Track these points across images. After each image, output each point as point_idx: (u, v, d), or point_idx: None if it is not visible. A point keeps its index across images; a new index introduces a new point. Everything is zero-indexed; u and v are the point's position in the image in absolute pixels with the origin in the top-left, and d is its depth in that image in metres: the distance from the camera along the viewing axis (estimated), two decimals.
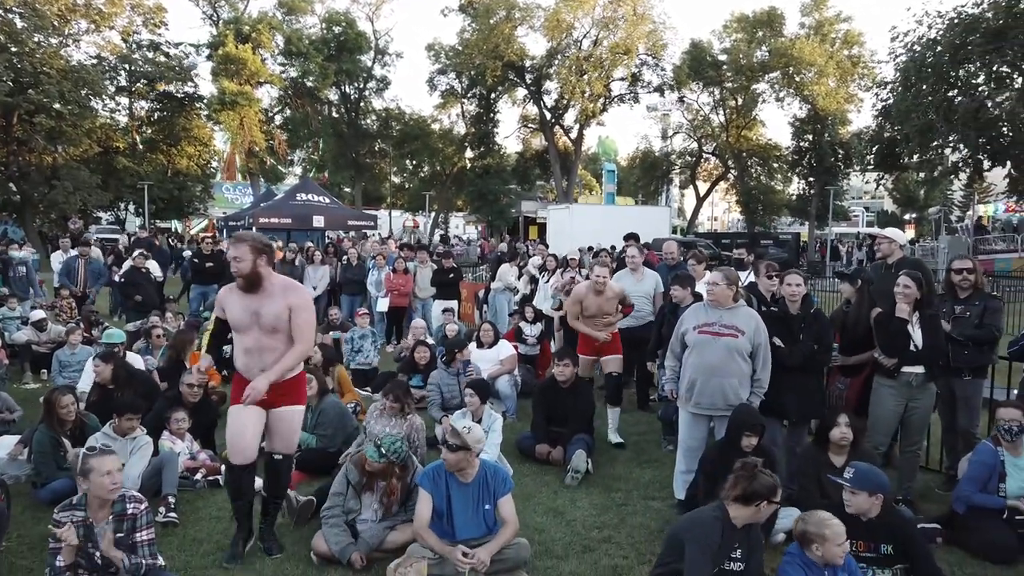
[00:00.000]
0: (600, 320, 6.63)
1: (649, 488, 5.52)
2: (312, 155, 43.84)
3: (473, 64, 36.72)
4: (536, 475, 5.77)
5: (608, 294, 6.63)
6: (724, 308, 4.73)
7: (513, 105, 42.42)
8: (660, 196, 47.58)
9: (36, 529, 4.52)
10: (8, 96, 24.66)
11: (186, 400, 5.91)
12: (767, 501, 3.32)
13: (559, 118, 40.26)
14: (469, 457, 4.05)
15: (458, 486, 4.06)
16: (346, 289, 12.34)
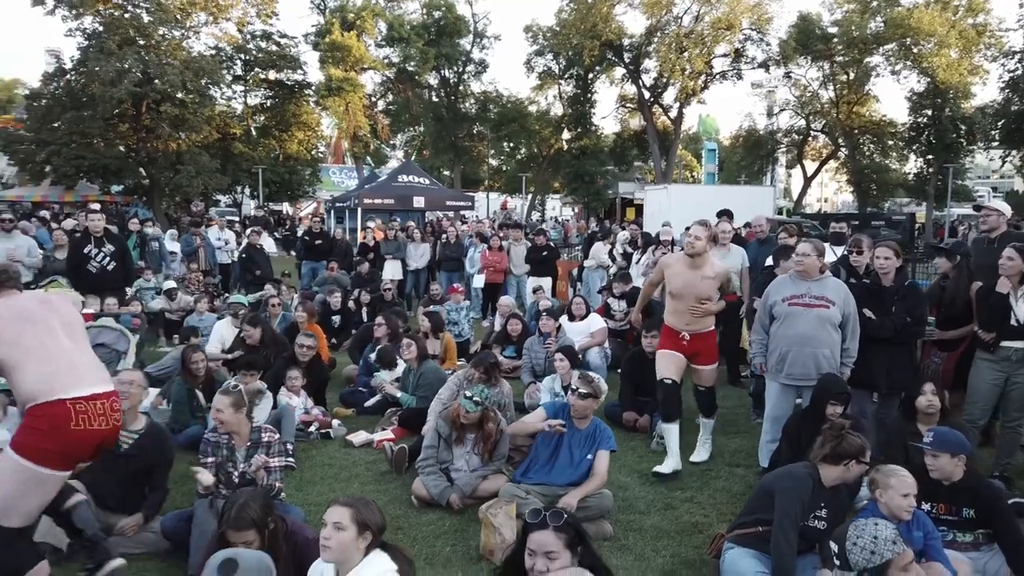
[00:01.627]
0: (690, 305, 5.18)
1: (735, 456, 5.64)
2: (413, 139, 45.03)
3: (571, 44, 36.60)
4: (623, 440, 5.97)
5: (706, 270, 5.17)
6: (812, 279, 4.77)
7: (611, 85, 42.04)
8: (764, 176, 46.05)
9: (177, 468, 5.12)
10: (137, 87, 26.60)
11: (300, 360, 6.45)
12: (856, 460, 3.41)
13: (658, 97, 39.61)
14: (594, 405, 4.44)
15: (571, 431, 4.44)
16: (444, 266, 12.85)
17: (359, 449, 5.81)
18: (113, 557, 3.42)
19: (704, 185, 35.98)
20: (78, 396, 3.11)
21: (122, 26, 27.52)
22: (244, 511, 2.91)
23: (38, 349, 3.17)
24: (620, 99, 42.19)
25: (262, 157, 33.34)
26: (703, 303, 5.18)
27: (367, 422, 6.43)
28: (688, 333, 5.24)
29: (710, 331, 5.38)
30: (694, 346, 5.26)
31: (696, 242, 5.12)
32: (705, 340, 5.34)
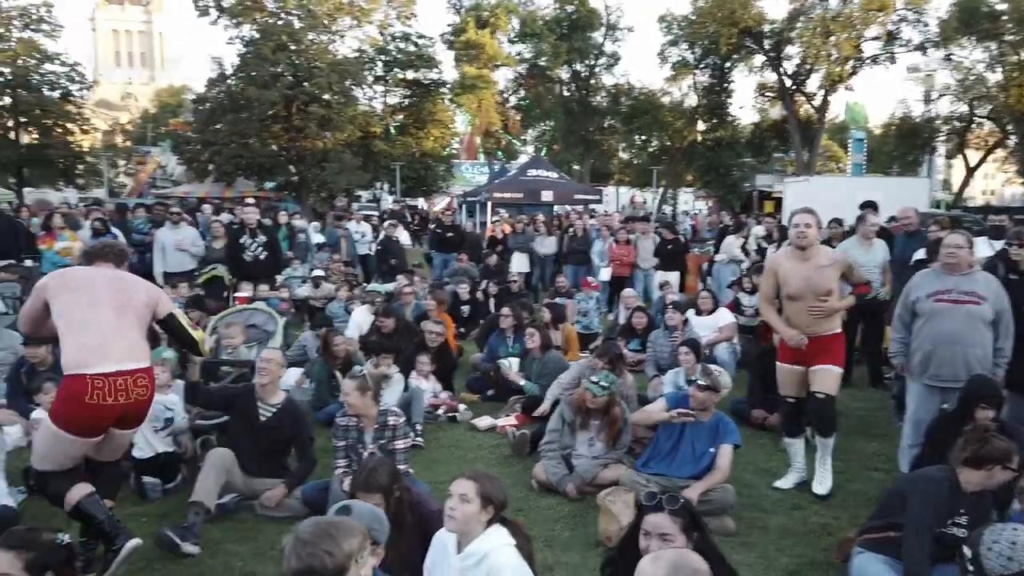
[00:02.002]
0: (810, 305, 4.50)
1: (872, 459, 5.35)
2: (543, 134, 45.36)
3: (707, 33, 35.50)
4: (750, 438, 5.80)
5: (820, 260, 4.51)
6: (959, 274, 4.43)
7: (749, 73, 40.29)
8: (920, 167, 42.68)
9: (318, 442, 5.51)
10: (289, 89, 28.52)
11: (429, 346, 6.72)
12: (1000, 466, 3.16)
13: (800, 85, 37.62)
14: (714, 398, 4.39)
15: (693, 423, 4.37)
16: (571, 259, 12.90)
17: (483, 433, 6.00)
18: (131, 537, 3.58)
19: (851, 177, 33.82)
20: (99, 373, 3.37)
21: (276, 33, 29.55)
22: (373, 475, 3.12)
23: (79, 323, 3.45)
24: (759, 88, 40.43)
25: (400, 154, 34.72)
26: (825, 300, 4.47)
27: (492, 408, 6.62)
28: (807, 338, 4.56)
29: (835, 334, 4.65)
30: (814, 350, 4.54)
31: (807, 230, 4.48)
32: (828, 342, 4.60)
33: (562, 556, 3.93)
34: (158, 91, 72.23)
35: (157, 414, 4.72)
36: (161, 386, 4.89)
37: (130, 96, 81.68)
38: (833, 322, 4.64)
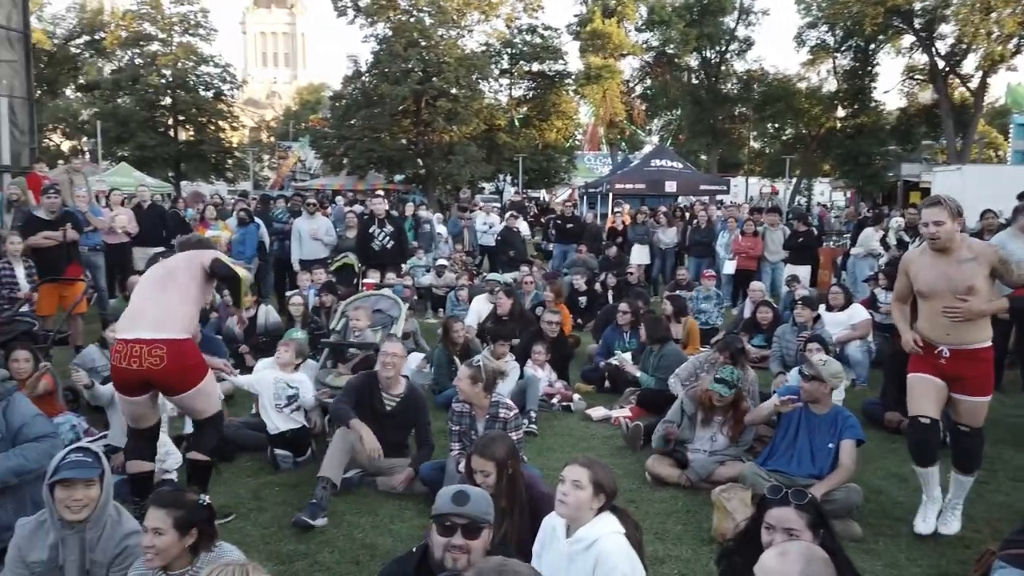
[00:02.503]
0: (944, 306, 3.77)
1: (1021, 471, 4.90)
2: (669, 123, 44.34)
3: (849, 13, 33.37)
4: (882, 441, 5.48)
5: (962, 252, 3.76)
6: None
7: (896, 55, 37.60)
8: None
9: (436, 424, 5.70)
10: (418, 84, 29.46)
11: (546, 336, 6.78)
12: None
13: (955, 66, 34.65)
14: (823, 389, 4.21)
15: (808, 417, 4.23)
16: (693, 251, 12.59)
17: (597, 423, 6.00)
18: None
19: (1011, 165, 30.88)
20: (123, 338, 3.77)
21: (408, 30, 30.59)
22: (491, 444, 3.23)
23: (132, 296, 4.09)
24: (907, 70, 37.61)
25: (523, 146, 35.04)
26: (965, 299, 3.70)
27: (606, 399, 6.60)
28: (948, 348, 3.78)
29: (982, 348, 3.82)
30: (956, 367, 3.78)
31: (938, 229, 3.69)
32: (973, 360, 3.80)
33: (673, 550, 3.87)
34: (299, 89, 76.62)
35: (279, 392, 5.06)
36: (285, 364, 5.23)
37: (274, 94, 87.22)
38: (979, 331, 3.80)
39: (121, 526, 2.87)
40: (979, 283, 3.74)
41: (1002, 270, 3.81)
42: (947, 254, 3.77)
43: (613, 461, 5.14)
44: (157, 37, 34.14)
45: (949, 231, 3.73)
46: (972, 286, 3.72)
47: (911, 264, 4.00)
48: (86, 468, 2.76)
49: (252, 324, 7.45)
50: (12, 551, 2.81)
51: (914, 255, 4.08)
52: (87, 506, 2.77)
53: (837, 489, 3.99)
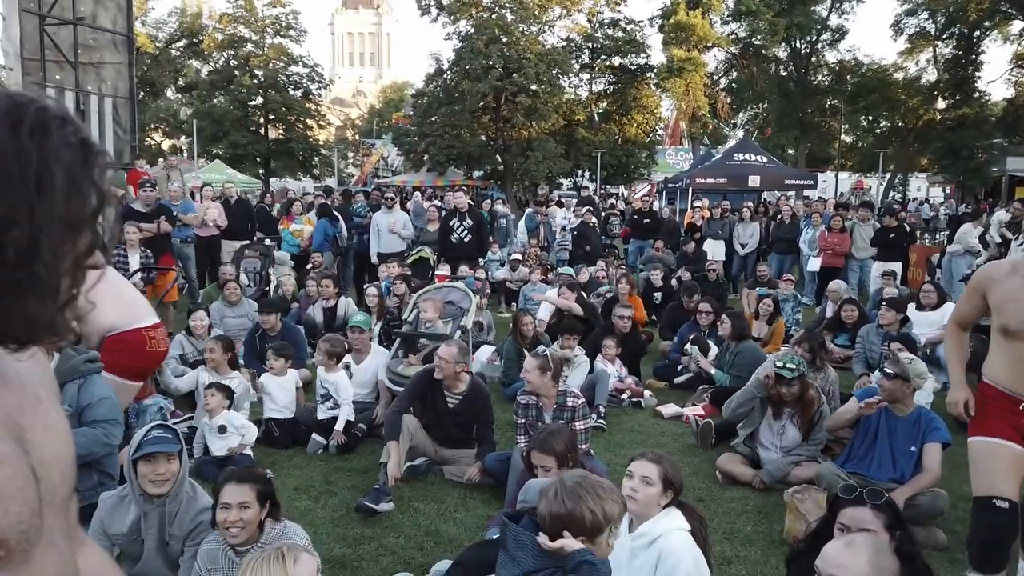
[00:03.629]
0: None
1: None
2: (755, 117, 43.06)
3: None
4: None
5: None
6: None
7: (1004, 43, 35.35)
8: None
9: (504, 416, 5.72)
10: (498, 80, 29.63)
11: (617, 330, 6.71)
12: None
13: None
14: (905, 389, 4.03)
15: (888, 418, 4.04)
16: (776, 247, 12.19)
17: (667, 420, 5.89)
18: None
19: None
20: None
21: (489, 27, 30.80)
22: (550, 439, 3.22)
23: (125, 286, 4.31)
24: (1016, 58, 35.29)
25: (602, 141, 34.75)
26: None
27: (678, 396, 6.47)
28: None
29: None
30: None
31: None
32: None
33: (742, 550, 3.77)
34: (384, 88, 78.43)
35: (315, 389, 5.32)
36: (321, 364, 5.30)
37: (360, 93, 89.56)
38: None
39: (196, 501, 3.01)
40: None
41: None
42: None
43: (683, 459, 5.05)
44: (251, 39, 35.63)
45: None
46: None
47: (994, 284, 2.95)
48: (167, 443, 2.92)
49: (332, 315, 7.68)
50: (95, 524, 2.99)
51: (1000, 272, 3.00)
52: (168, 480, 2.92)
53: (921, 494, 3.80)
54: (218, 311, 6.99)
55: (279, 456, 4.96)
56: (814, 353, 5.18)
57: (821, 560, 2.00)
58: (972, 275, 3.55)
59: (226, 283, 7.30)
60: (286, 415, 5.22)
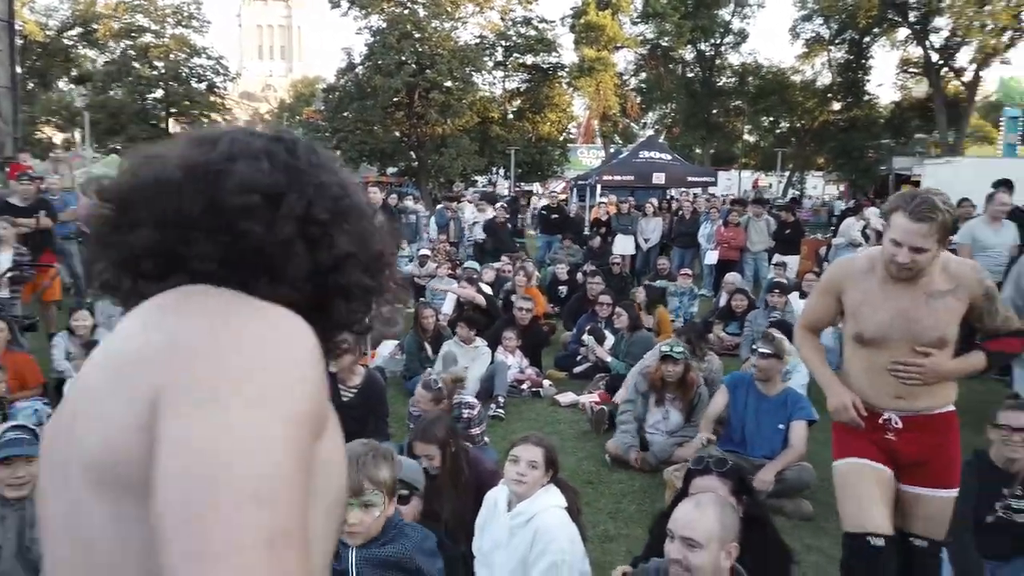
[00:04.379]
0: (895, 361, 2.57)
1: None
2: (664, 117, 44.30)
3: (844, 5, 33.41)
4: None
5: (934, 282, 2.54)
6: None
7: (891, 49, 37.57)
8: None
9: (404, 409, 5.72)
10: (411, 77, 29.41)
11: (517, 322, 6.81)
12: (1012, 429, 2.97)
13: (949, 59, 34.66)
14: (779, 367, 4.24)
15: (758, 398, 4.25)
16: (678, 241, 12.62)
17: (565, 408, 6.04)
18: None
19: (1002, 159, 30.88)
20: None
21: (401, 21, 30.51)
22: (430, 428, 3.26)
23: None
24: (901, 64, 37.64)
25: (516, 139, 35.02)
26: (928, 352, 2.51)
27: (578, 385, 6.63)
28: (898, 416, 2.60)
29: (944, 414, 2.64)
30: (912, 444, 2.58)
31: (915, 259, 2.41)
32: (934, 432, 2.61)
33: (625, 528, 3.92)
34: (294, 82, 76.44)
35: None
36: None
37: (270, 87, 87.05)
38: (942, 393, 2.61)
39: None
40: (952, 331, 2.55)
41: (984, 309, 2.55)
42: (912, 283, 2.51)
43: (576, 444, 5.21)
44: (150, 29, 34.06)
45: (929, 260, 2.44)
46: (942, 337, 2.52)
47: (850, 283, 2.64)
48: (25, 446, 2.80)
49: None
50: None
51: (858, 268, 2.65)
52: (28, 483, 2.81)
53: (789, 468, 4.04)
54: (104, 311, 6.68)
55: None
56: (692, 344, 5.41)
57: (673, 522, 2.14)
58: (826, 270, 3.15)
59: None
60: None
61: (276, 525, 0.61)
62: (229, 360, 0.67)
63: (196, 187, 0.78)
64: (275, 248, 0.78)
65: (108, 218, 0.82)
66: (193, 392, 0.65)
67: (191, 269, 0.78)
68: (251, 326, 0.72)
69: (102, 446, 0.68)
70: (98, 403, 0.70)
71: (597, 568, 3.33)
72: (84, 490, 0.69)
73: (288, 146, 0.85)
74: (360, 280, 0.84)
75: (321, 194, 0.83)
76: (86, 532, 0.69)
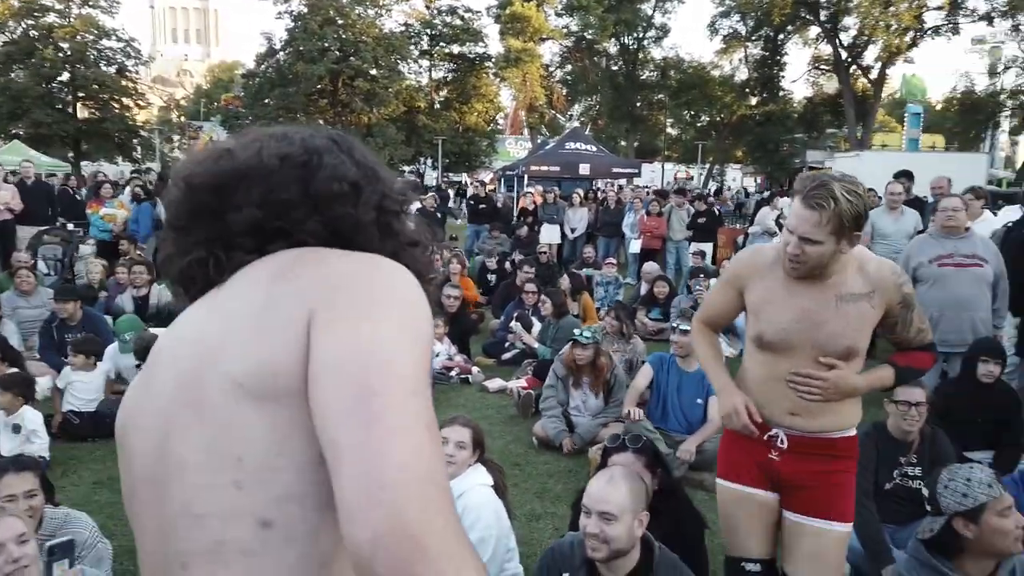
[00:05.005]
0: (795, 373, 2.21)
1: None
2: (589, 109, 44.93)
3: (760, 3, 34.58)
4: None
5: (847, 282, 2.18)
6: (956, 237, 4.36)
7: (804, 46, 39.20)
8: (983, 143, 40.93)
9: None
10: (335, 64, 28.91)
11: (446, 310, 6.84)
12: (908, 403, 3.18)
13: (857, 57, 36.39)
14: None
15: (678, 374, 4.42)
16: (603, 231, 12.88)
17: (493, 394, 6.11)
18: None
19: (905, 152, 32.68)
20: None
21: (323, 7, 29.90)
22: None
23: None
24: (813, 61, 39.28)
25: (443, 129, 34.87)
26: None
27: (506, 372, 6.71)
28: (784, 435, 2.27)
29: (845, 439, 2.30)
30: (797, 467, 2.26)
31: (806, 252, 2.10)
32: (826, 457, 2.28)
33: (551, 507, 4.02)
34: (212, 67, 73.83)
35: None
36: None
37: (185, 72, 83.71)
38: (846, 411, 2.26)
39: None
40: (863, 341, 2.22)
41: (900, 318, 2.21)
42: (820, 279, 2.16)
43: (504, 428, 5.29)
44: (54, 8, 32.22)
45: (823, 255, 2.08)
46: (850, 347, 2.18)
47: (752, 278, 2.30)
48: None
49: (144, 304, 7.22)
50: None
51: (762, 261, 2.30)
52: None
53: (708, 441, 4.23)
54: (10, 301, 6.37)
55: (79, 450, 4.65)
56: (621, 321, 5.57)
57: (587, 498, 2.23)
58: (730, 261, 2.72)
59: (17, 271, 6.67)
60: (89, 408, 4.89)
61: (430, 416, 0.74)
62: (378, 288, 0.81)
63: (293, 174, 0.91)
64: (360, 231, 0.92)
65: (202, 203, 0.92)
66: (352, 309, 0.77)
67: (295, 241, 0.90)
68: (388, 265, 0.86)
69: (259, 363, 0.78)
70: (244, 332, 0.80)
71: (525, 545, 3.44)
72: (238, 407, 0.78)
73: (350, 145, 0.99)
74: (417, 264, 0.96)
75: (387, 187, 0.97)
76: (239, 448, 0.77)
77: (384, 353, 0.74)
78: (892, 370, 2.28)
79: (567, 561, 2.28)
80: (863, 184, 2.14)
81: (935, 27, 34.46)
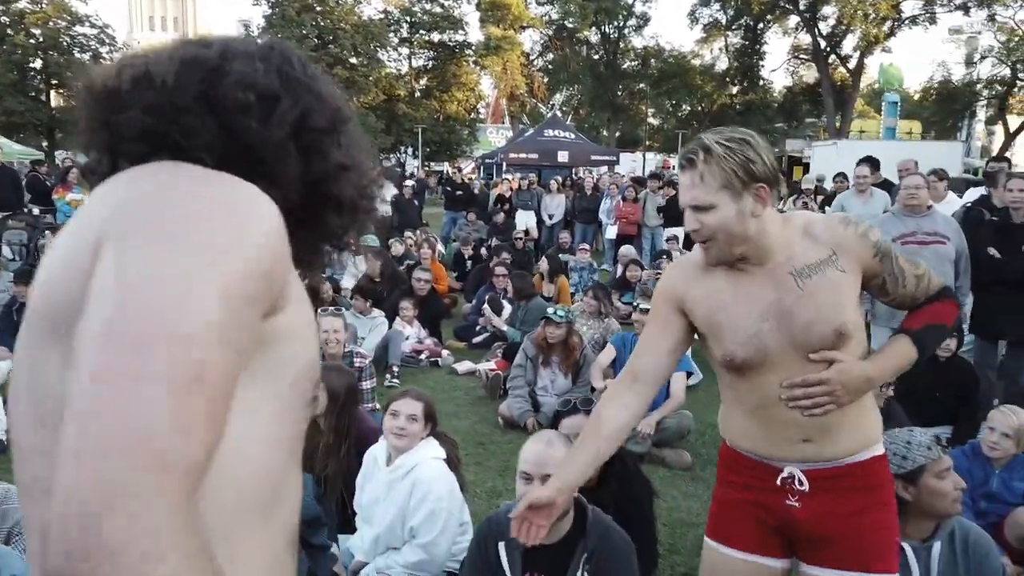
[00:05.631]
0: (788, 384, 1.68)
1: None
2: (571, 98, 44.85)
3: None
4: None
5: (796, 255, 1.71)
6: (919, 215, 4.40)
7: (783, 35, 39.36)
8: (959, 132, 41.34)
9: None
10: (313, 51, 28.59)
11: (416, 293, 6.83)
12: None
13: (835, 46, 36.61)
14: None
15: None
16: (580, 217, 12.89)
17: (462, 376, 6.12)
18: None
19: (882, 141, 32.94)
20: None
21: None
22: (326, 373, 3.24)
23: None
24: (793, 50, 39.46)
25: (423, 118, 34.69)
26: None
27: (477, 355, 6.72)
28: (802, 473, 1.75)
29: (870, 458, 1.79)
30: (818, 516, 1.76)
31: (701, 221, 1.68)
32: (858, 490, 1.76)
33: (511, 484, 3.97)
34: None
35: None
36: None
37: None
38: (867, 424, 1.79)
39: None
40: (850, 315, 1.71)
41: (885, 273, 1.74)
42: (762, 262, 1.73)
43: (472, 409, 5.31)
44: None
45: (726, 221, 1.66)
46: (838, 328, 1.68)
47: (687, 287, 1.81)
48: None
49: None
50: None
51: (692, 264, 1.84)
52: None
53: (670, 417, 4.26)
54: None
55: None
56: (599, 300, 5.59)
57: (525, 463, 2.24)
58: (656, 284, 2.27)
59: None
60: None
61: (189, 370, 0.61)
62: (174, 209, 0.69)
63: (190, 78, 0.79)
64: (267, 149, 0.81)
65: (95, 106, 0.82)
66: (133, 235, 0.67)
67: (178, 149, 0.78)
68: (206, 186, 0.73)
69: (52, 298, 0.72)
70: (55, 264, 0.74)
71: None
72: (40, 344, 0.72)
73: (284, 54, 0.87)
74: (352, 196, 0.87)
75: (318, 104, 0.85)
76: (41, 386, 0.72)
77: (151, 289, 0.62)
78: (908, 339, 1.71)
79: (503, 530, 2.28)
80: (758, 136, 1.74)
81: (912, 16, 34.74)
